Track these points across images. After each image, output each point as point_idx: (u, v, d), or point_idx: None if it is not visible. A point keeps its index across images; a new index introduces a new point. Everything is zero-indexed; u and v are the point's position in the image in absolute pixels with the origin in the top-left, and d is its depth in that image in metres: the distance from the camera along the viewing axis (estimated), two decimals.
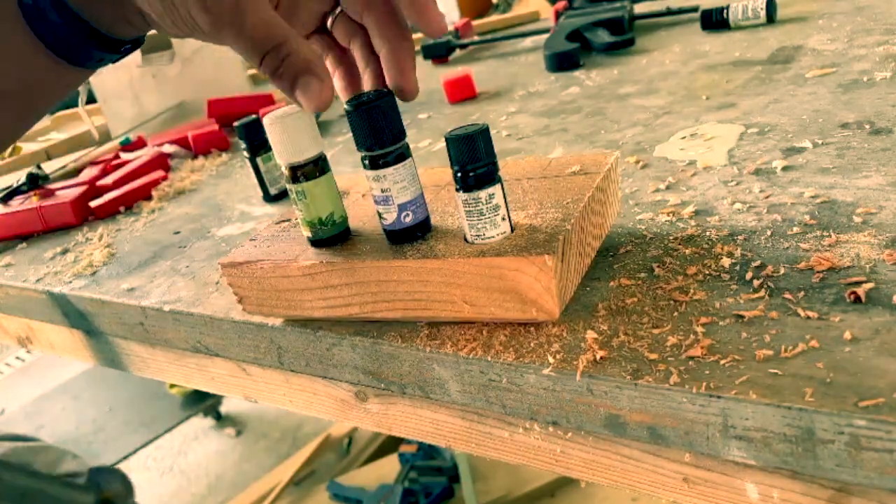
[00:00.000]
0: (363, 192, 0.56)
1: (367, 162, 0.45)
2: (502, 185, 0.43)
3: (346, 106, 0.44)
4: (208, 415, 2.53)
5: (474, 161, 0.42)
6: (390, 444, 1.99)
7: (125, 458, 2.44)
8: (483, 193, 0.42)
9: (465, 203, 0.43)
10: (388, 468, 1.88)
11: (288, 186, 0.48)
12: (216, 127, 1.07)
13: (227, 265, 0.50)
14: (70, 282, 0.71)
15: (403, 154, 0.44)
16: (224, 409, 2.56)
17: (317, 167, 0.48)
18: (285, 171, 0.48)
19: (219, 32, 0.40)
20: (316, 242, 0.49)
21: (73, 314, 0.71)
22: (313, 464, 2.03)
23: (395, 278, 0.45)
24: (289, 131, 0.47)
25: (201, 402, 2.52)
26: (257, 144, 0.77)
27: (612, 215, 0.50)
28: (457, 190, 0.43)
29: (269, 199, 0.79)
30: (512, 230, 0.44)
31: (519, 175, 0.52)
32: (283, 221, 0.55)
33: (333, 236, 0.48)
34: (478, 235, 0.43)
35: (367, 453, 2.02)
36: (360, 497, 1.80)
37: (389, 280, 0.45)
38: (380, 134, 0.43)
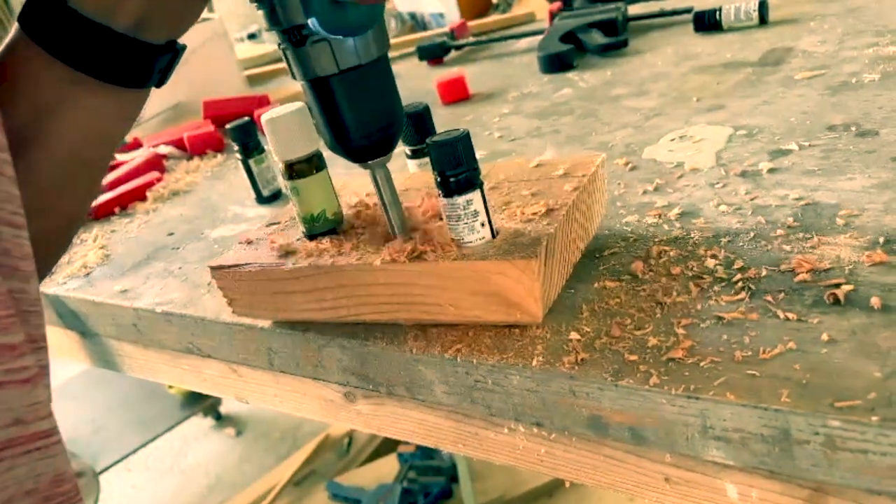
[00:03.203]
0: (354, 192, 0.56)
1: None
2: (482, 191, 0.43)
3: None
4: (208, 415, 2.54)
5: (454, 167, 0.42)
6: (389, 444, 2.00)
7: (125, 457, 2.44)
8: (461, 199, 0.43)
9: (444, 208, 0.43)
10: (387, 468, 1.88)
11: (283, 182, 0.50)
12: (212, 128, 1.08)
13: (216, 268, 0.51)
14: (64, 283, 0.72)
15: None
16: (224, 409, 2.56)
17: (311, 165, 0.50)
18: (281, 168, 0.50)
19: None
20: (309, 237, 0.50)
21: (67, 315, 0.71)
22: (313, 464, 2.03)
23: (381, 281, 0.45)
24: (284, 130, 0.49)
25: (201, 402, 2.52)
26: (250, 146, 0.78)
27: (597, 218, 0.51)
28: (438, 195, 0.44)
29: (262, 200, 0.79)
30: (494, 235, 0.44)
31: (506, 177, 0.52)
32: (273, 224, 0.55)
33: (324, 232, 0.50)
34: (456, 239, 0.44)
35: (367, 453, 2.02)
36: (359, 497, 1.80)
37: (376, 283, 0.45)
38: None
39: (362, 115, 0.43)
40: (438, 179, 0.43)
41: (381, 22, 0.41)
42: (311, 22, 0.38)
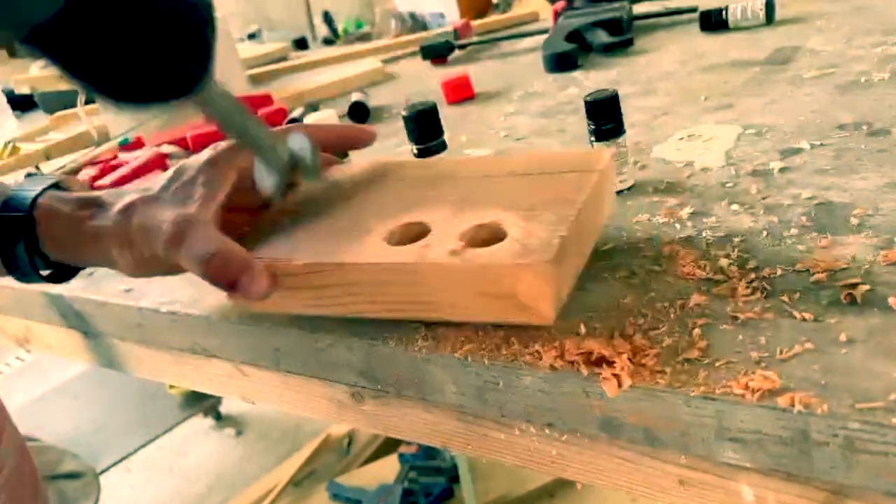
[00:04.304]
0: (356, 182, 0.56)
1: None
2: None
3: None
4: (208, 415, 2.53)
5: (608, 119, 0.55)
6: (390, 445, 1.99)
7: (125, 457, 2.44)
8: (619, 140, 0.56)
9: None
10: (388, 468, 1.88)
11: None
12: (215, 127, 1.07)
13: None
14: (67, 283, 0.71)
15: None
16: (224, 409, 2.55)
17: (340, 157, 0.62)
18: None
19: (174, 260, 0.47)
20: None
21: (70, 315, 0.71)
22: (313, 464, 2.03)
23: (387, 279, 0.44)
24: None
25: (201, 402, 2.52)
26: None
27: (605, 215, 0.50)
28: (593, 141, 0.56)
29: None
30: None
31: (512, 172, 0.51)
32: (277, 220, 0.55)
33: None
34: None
35: (367, 453, 2.02)
36: (360, 497, 1.80)
37: (382, 281, 0.45)
38: None
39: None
40: (593, 127, 0.56)
41: None
42: None
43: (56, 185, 0.54)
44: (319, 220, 0.51)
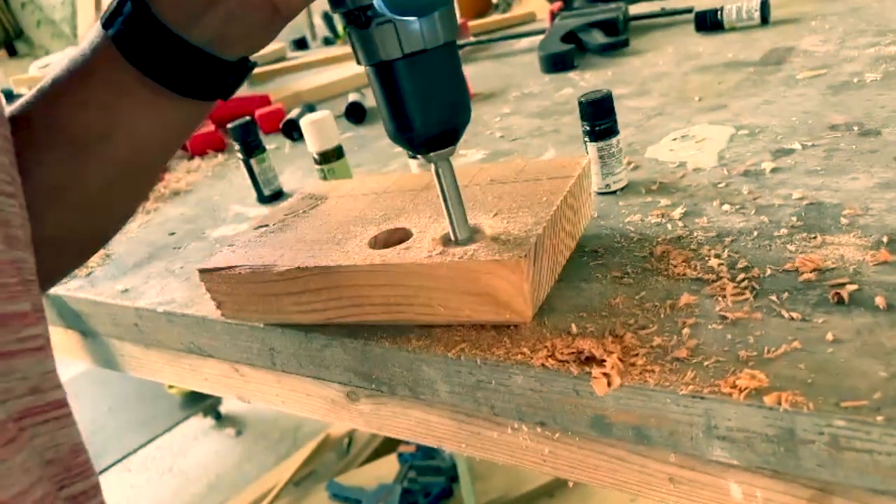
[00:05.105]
0: (342, 195, 0.57)
1: None
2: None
3: None
4: (208, 415, 2.53)
5: (602, 118, 0.56)
6: (389, 444, 2.00)
7: (125, 457, 2.44)
8: (613, 140, 0.56)
9: (594, 151, 0.57)
10: (388, 468, 1.88)
11: (318, 167, 0.72)
12: (213, 128, 1.08)
13: (204, 271, 0.51)
14: (65, 282, 0.72)
15: None
16: (224, 409, 2.56)
17: (336, 153, 0.73)
18: (316, 156, 0.72)
19: None
20: None
21: (68, 315, 0.71)
22: (313, 464, 2.03)
23: (371, 282, 0.45)
24: (319, 129, 0.71)
25: (201, 402, 2.52)
26: (252, 146, 0.77)
27: (584, 218, 0.51)
28: (585, 141, 0.57)
29: (264, 199, 0.79)
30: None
31: (493, 180, 0.52)
32: (262, 227, 0.55)
33: None
34: (608, 174, 0.57)
35: (367, 453, 2.02)
36: (360, 497, 1.80)
37: (366, 284, 0.45)
38: None
39: (427, 104, 0.41)
40: (587, 128, 0.56)
41: (449, 5, 0.40)
42: (376, 2, 0.37)
43: None
44: (307, 230, 0.52)
